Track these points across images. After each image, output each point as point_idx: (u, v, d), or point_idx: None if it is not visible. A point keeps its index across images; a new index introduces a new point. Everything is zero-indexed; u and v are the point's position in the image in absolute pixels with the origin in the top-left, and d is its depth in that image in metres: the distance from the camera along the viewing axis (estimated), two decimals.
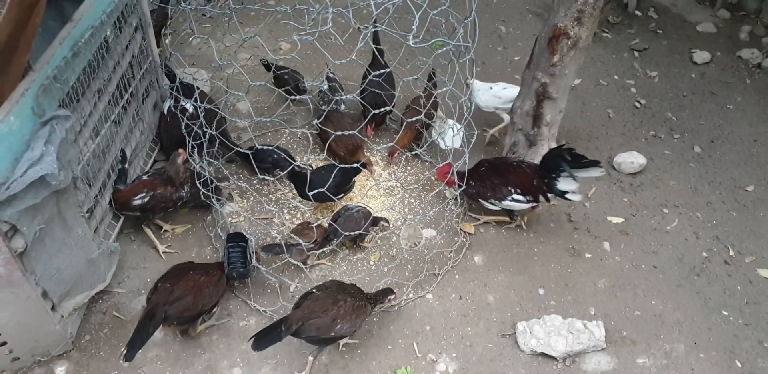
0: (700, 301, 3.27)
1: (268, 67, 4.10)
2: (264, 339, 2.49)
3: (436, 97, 3.59)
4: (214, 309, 2.90)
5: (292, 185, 3.46)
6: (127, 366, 2.77)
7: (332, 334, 2.64)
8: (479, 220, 3.51)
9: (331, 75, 4.03)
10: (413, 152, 3.73)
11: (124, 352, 2.45)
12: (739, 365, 3.00)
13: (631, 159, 3.96)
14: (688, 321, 3.17)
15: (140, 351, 2.81)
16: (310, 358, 2.73)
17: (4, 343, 2.54)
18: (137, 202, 3.09)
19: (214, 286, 2.79)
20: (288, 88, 3.86)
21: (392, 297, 2.89)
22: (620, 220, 3.67)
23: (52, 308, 2.60)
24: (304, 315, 2.60)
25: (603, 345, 2.98)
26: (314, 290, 2.74)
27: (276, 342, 2.50)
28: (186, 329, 2.83)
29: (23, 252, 2.32)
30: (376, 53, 3.60)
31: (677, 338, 3.09)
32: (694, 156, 4.16)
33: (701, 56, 4.93)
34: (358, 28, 2.68)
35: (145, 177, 3.20)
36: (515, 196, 3.25)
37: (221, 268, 2.92)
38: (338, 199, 3.30)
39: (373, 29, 2.71)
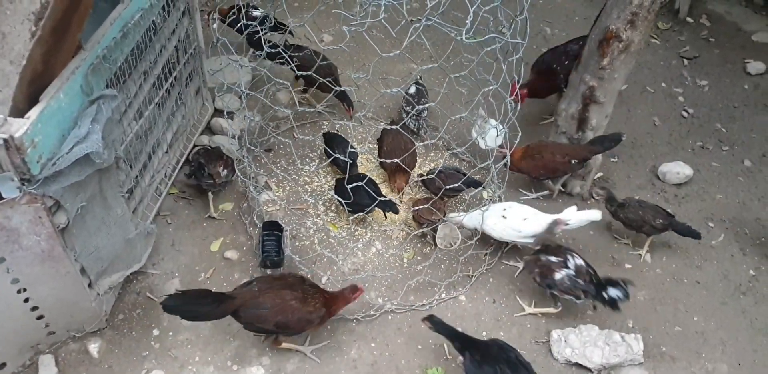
0: (745, 321, 3.14)
1: None
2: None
3: None
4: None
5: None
6: (157, 347, 2.76)
7: None
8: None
9: (419, 80, 3.90)
10: (451, 150, 3.66)
11: (164, 297, 2.42)
12: None
13: (676, 169, 3.83)
14: (732, 341, 3.04)
15: (170, 333, 2.83)
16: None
17: (41, 317, 2.56)
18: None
19: (301, 313, 2.58)
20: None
21: None
22: None
23: (89, 285, 2.61)
24: None
25: (641, 359, 2.87)
26: None
27: None
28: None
29: (65, 228, 2.32)
30: None
31: (720, 357, 2.97)
32: (743, 170, 4.00)
33: (755, 67, 4.74)
34: (411, 20, 2.62)
35: None
36: None
37: (324, 299, 2.66)
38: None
39: (426, 23, 2.65)
